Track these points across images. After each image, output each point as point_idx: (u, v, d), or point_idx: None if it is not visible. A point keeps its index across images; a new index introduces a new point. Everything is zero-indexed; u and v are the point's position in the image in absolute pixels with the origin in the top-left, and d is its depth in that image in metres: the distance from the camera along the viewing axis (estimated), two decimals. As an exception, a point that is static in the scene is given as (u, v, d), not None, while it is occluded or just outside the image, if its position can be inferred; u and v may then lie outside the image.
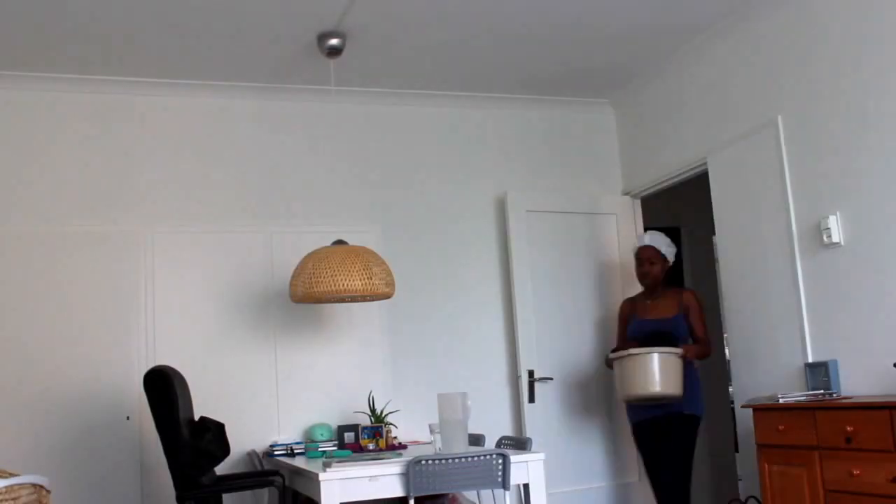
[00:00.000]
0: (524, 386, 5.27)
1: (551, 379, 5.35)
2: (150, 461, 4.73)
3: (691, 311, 4.75)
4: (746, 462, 4.67)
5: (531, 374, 5.31)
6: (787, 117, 4.39)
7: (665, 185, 5.52)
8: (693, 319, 4.74)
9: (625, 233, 5.75)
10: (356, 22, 4.48)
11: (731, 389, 5.47)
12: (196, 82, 5.13)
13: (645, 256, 4.86)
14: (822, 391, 3.99)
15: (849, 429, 3.47)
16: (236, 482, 4.26)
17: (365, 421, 4.98)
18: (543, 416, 5.37)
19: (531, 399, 5.27)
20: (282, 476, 4.18)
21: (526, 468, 3.71)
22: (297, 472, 4.05)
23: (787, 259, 4.40)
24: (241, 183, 5.19)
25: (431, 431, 3.88)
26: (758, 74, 4.59)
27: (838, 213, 4.08)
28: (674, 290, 4.90)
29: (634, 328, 4.86)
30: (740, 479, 5.93)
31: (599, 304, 5.58)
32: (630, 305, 5.03)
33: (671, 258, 4.90)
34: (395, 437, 4.97)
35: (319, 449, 4.66)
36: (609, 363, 4.70)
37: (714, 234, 5.28)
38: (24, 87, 4.88)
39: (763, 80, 4.56)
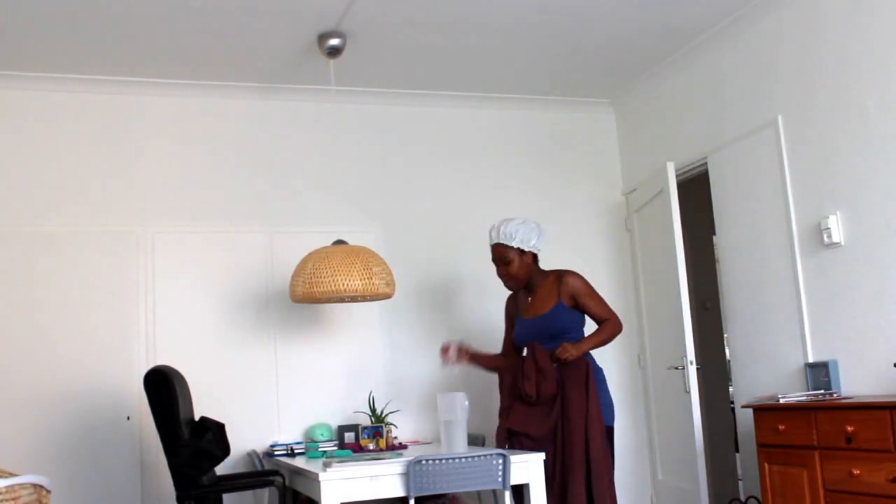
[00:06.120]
0: None
1: None
2: (150, 461, 4.73)
3: (579, 294, 4.03)
4: (746, 462, 4.67)
5: None
6: (787, 117, 4.39)
7: (665, 185, 5.52)
8: (586, 302, 4.04)
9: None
10: (356, 22, 4.48)
11: (731, 389, 5.47)
12: (196, 82, 5.14)
13: (496, 258, 4.15)
14: (822, 391, 3.99)
15: (849, 429, 3.47)
16: (236, 482, 4.26)
17: (365, 421, 4.98)
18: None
19: None
20: (282, 476, 4.19)
21: (526, 468, 3.71)
22: (297, 472, 4.05)
23: (787, 259, 4.40)
24: (241, 183, 5.19)
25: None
26: (758, 74, 4.60)
27: (838, 213, 4.08)
28: (552, 278, 4.12)
29: (518, 331, 4.19)
30: (740, 479, 5.93)
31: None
32: (513, 303, 4.32)
33: (531, 246, 4.09)
34: (396, 437, 4.97)
35: (319, 449, 4.66)
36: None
37: (714, 234, 5.28)
38: (24, 87, 4.88)
39: (763, 80, 4.56)
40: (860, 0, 3.95)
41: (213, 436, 3.94)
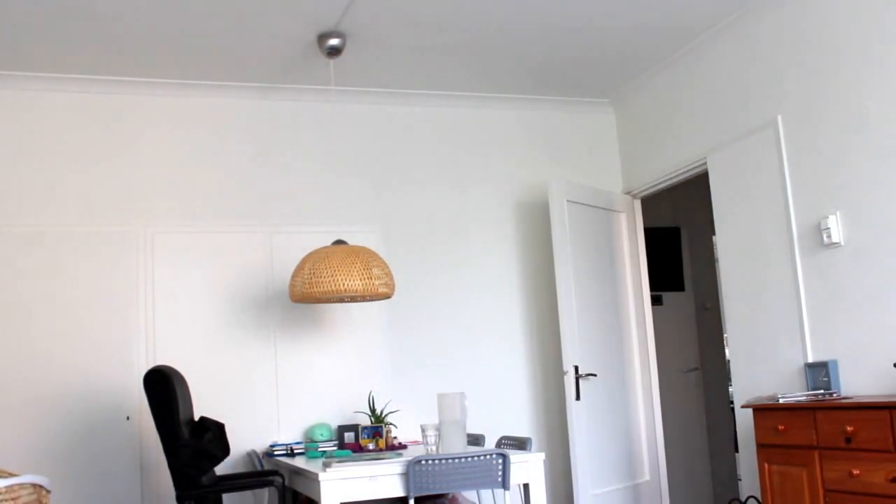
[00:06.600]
0: (570, 382, 5.06)
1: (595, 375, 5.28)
2: (150, 461, 4.73)
3: None
4: (746, 462, 4.67)
5: (577, 369, 5.15)
6: (787, 117, 4.39)
7: (665, 185, 5.52)
8: None
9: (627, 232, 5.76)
10: (356, 22, 4.48)
11: (731, 389, 5.47)
12: (196, 82, 5.14)
13: None
14: (822, 391, 3.99)
15: (849, 429, 3.47)
16: (236, 482, 4.26)
17: (365, 421, 4.98)
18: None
19: (577, 396, 5.08)
20: (282, 476, 4.19)
21: (526, 468, 3.72)
22: (297, 472, 4.05)
23: (787, 259, 4.40)
24: (241, 183, 5.19)
25: (423, 432, 3.85)
26: (758, 74, 4.60)
27: (838, 213, 4.08)
28: None
29: None
30: (740, 479, 5.93)
31: (606, 302, 5.56)
32: None
33: None
34: (395, 437, 4.97)
35: (319, 449, 4.66)
36: None
37: (714, 234, 5.28)
38: (24, 87, 4.88)
39: (763, 80, 4.56)
40: (860, 0, 3.95)
41: (212, 436, 3.94)
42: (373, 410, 4.77)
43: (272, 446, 4.77)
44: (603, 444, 5.26)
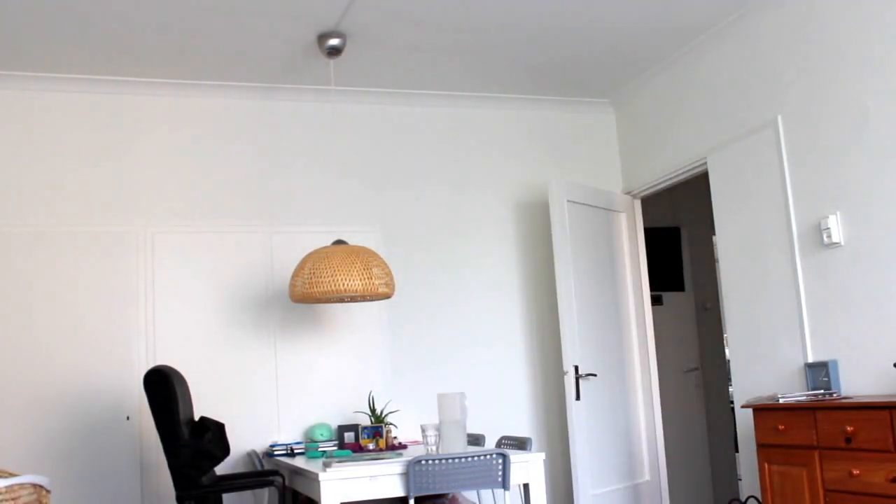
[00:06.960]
0: (570, 382, 5.06)
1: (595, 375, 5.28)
2: (150, 461, 4.73)
3: None
4: (746, 462, 4.67)
5: (577, 369, 5.15)
6: (787, 117, 4.39)
7: (665, 185, 5.53)
8: None
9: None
10: (356, 22, 4.48)
11: (731, 389, 5.47)
12: (196, 82, 5.14)
13: None
14: (822, 391, 3.99)
15: (849, 429, 3.47)
16: (236, 482, 4.26)
17: (365, 421, 4.98)
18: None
19: (577, 396, 5.08)
20: (282, 476, 4.19)
21: (526, 468, 3.72)
22: (297, 472, 4.05)
23: (787, 259, 4.40)
24: (241, 183, 5.19)
25: (423, 432, 3.86)
26: (758, 74, 4.60)
27: (838, 213, 4.08)
28: None
29: None
30: (740, 479, 5.93)
31: (605, 302, 5.56)
32: None
33: None
34: (395, 437, 4.97)
35: (319, 449, 4.66)
36: None
37: (714, 234, 5.28)
38: (24, 87, 4.88)
39: (763, 80, 4.56)
40: (860, 0, 3.95)
41: (213, 436, 3.94)
42: (373, 410, 4.77)
43: (272, 446, 4.77)
44: (603, 444, 5.26)
